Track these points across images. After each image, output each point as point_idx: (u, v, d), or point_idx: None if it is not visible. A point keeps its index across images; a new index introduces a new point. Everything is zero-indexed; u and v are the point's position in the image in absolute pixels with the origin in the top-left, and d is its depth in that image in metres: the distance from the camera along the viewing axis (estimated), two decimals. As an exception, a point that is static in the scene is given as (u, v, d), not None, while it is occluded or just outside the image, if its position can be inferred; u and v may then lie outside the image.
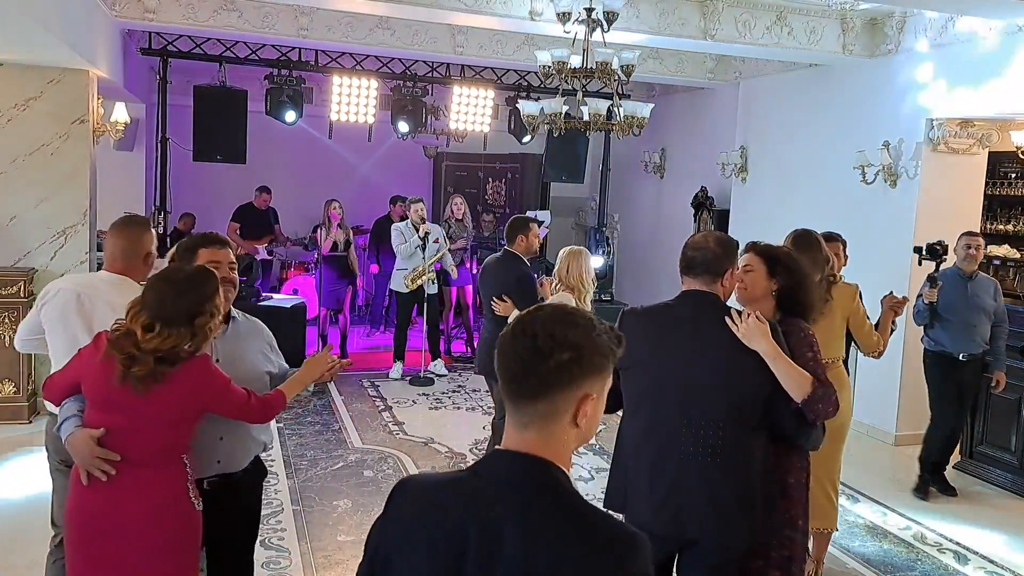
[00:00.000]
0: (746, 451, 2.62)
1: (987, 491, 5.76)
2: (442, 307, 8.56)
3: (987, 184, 7.05)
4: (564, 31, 5.25)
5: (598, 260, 9.17)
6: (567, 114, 5.84)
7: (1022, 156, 6.64)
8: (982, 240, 5.64)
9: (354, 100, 8.47)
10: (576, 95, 5.63)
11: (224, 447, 2.74)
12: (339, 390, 7.43)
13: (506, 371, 1.41)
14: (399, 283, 7.94)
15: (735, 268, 2.77)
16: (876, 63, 6.92)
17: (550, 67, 5.24)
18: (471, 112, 8.97)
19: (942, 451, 5.63)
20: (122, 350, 2.41)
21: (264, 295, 8.15)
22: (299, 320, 7.84)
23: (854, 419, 4.36)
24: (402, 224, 8.01)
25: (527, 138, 9.20)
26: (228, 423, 2.67)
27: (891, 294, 4.40)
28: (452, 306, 8.84)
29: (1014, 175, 7.49)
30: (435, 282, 8.05)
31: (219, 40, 7.91)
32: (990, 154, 6.89)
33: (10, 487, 4.98)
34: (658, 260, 9.71)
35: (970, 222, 6.41)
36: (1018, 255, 7.48)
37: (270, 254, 9.80)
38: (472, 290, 8.60)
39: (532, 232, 5.21)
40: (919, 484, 5.56)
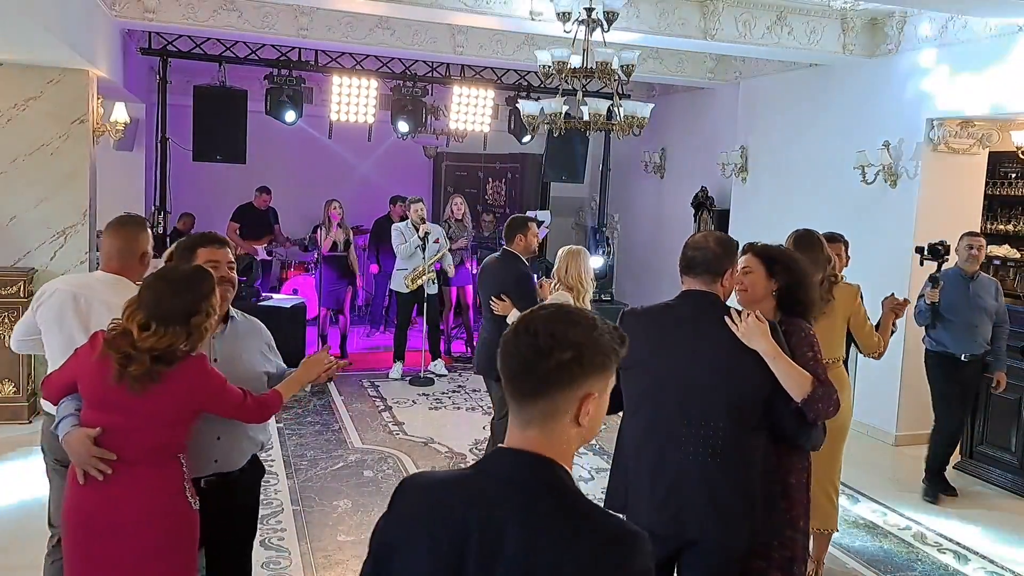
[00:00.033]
0: (746, 451, 2.62)
1: (987, 491, 5.75)
2: (442, 307, 8.56)
3: (987, 184, 7.05)
4: (564, 31, 5.25)
5: (598, 260, 9.17)
6: (567, 114, 5.84)
7: (1022, 156, 6.64)
8: (984, 240, 5.63)
9: (354, 100, 8.47)
10: (576, 95, 5.63)
11: (221, 446, 2.74)
12: (339, 390, 7.43)
13: (508, 369, 1.42)
14: (399, 283, 7.93)
15: (735, 268, 2.78)
16: (876, 63, 6.92)
17: (550, 67, 5.23)
18: (471, 112, 8.97)
19: (945, 452, 5.62)
20: (118, 349, 2.41)
21: (264, 295, 8.15)
22: (299, 320, 7.84)
23: (854, 419, 4.35)
24: (402, 224, 8.00)
25: (527, 138, 9.20)
26: (225, 423, 2.67)
27: (892, 296, 4.39)
28: (452, 306, 8.83)
29: (1014, 175, 7.49)
30: (435, 282, 8.04)
31: (219, 40, 7.91)
32: (990, 154, 6.89)
33: (10, 487, 4.98)
34: (658, 260, 9.71)
35: (970, 222, 6.41)
36: (1018, 255, 7.47)
37: (269, 254, 9.79)
38: (472, 290, 8.59)
39: (531, 231, 5.20)
40: (928, 488, 5.50)
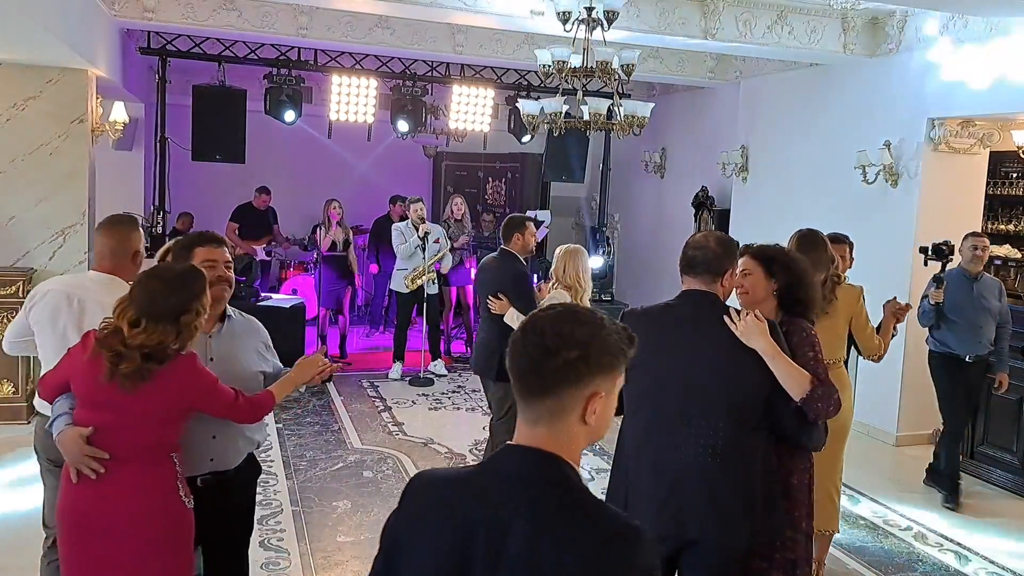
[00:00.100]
0: (747, 451, 2.62)
1: (988, 491, 5.74)
2: (442, 307, 8.55)
3: (988, 184, 7.04)
4: (564, 30, 5.23)
5: (598, 260, 9.16)
6: (567, 113, 5.83)
7: (1023, 156, 6.63)
8: (988, 241, 5.62)
9: (353, 99, 8.46)
10: (576, 94, 5.62)
11: (217, 445, 2.74)
12: (338, 390, 7.42)
13: (516, 368, 1.45)
14: (399, 283, 7.93)
15: (735, 268, 2.78)
16: (877, 62, 6.91)
17: (550, 66, 5.22)
18: (471, 111, 8.96)
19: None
20: (110, 348, 2.42)
21: (263, 295, 8.14)
22: (298, 320, 7.82)
23: (855, 420, 4.34)
24: (402, 224, 8.00)
25: (527, 138, 9.18)
26: (221, 422, 2.67)
27: (894, 300, 4.34)
28: (452, 306, 8.83)
29: (1015, 175, 7.47)
30: (435, 282, 8.03)
31: (218, 39, 7.90)
32: (991, 154, 6.88)
33: (9, 487, 4.97)
34: (658, 260, 9.69)
35: (971, 222, 6.40)
36: (1019, 255, 7.45)
37: (268, 254, 9.78)
38: (473, 290, 8.57)
39: (528, 231, 5.19)
40: (948, 496, 5.43)
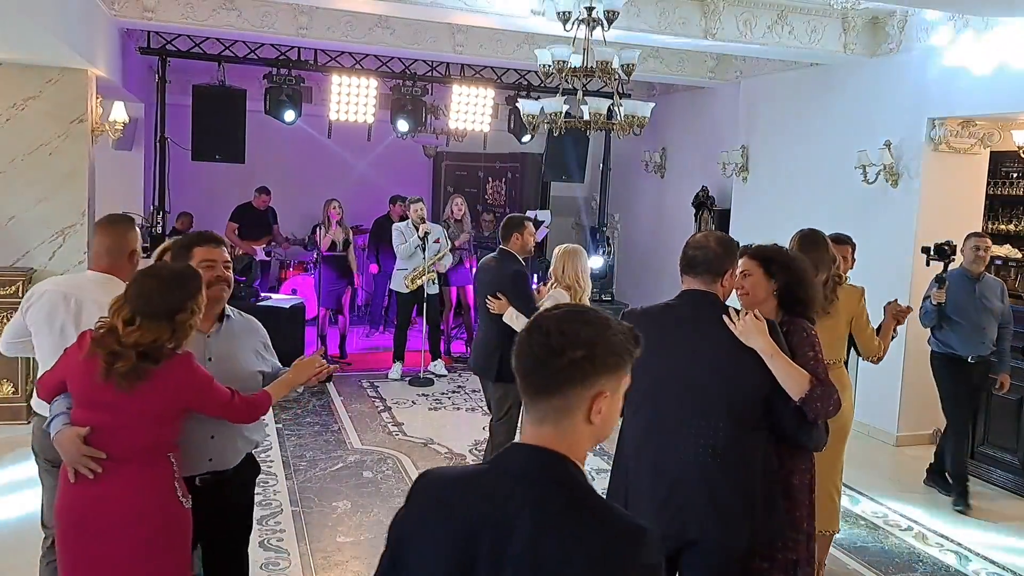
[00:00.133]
0: (746, 451, 2.62)
1: (988, 491, 5.74)
2: (442, 307, 8.54)
3: (988, 184, 7.04)
4: (564, 30, 5.23)
5: (598, 260, 9.15)
6: (567, 113, 5.82)
7: (1023, 155, 6.62)
8: (990, 241, 5.60)
9: (353, 99, 8.45)
10: (576, 94, 5.62)
11: (215, 445, 2.74)
12: (338, 391, 7.41)
13: (522, 367, 1.45)
14: (399, 283, 7.92)
15: (735, 268, 2.78)
16: (877, 62, 6.90)
17: (550, 66, 5.22)
18: (471, 111, 8.95)
19: (947, 452, 5.61)
20: (106, 347, 2.43)
21: (263, 295, 8.13)
22: (298, 320, 7.82)
23: (855, 420, 4.33)
24: (403, 224, 7.99)
25: (527, 138, 9.18)
26: (219, 422, 2.67)
27: (895, 302, 4.33)
28: (452, 306, 8.82)
29: (1016, 175, 7.47)
30: (435, 282, 8.03)
31: (218, 39, 7.90)
32: (991, 154, 6.87)
33: (8, 488, 4.96)
34: (659, 260, 9.69)
35: (972, 222, 6.40)
36: (1020, 255, 7.45)
37: (268, 255, 9.77)
38: (473, 290, 8.56)
39: (527, 231, 5.18)
40: (958, 498, 5.41)
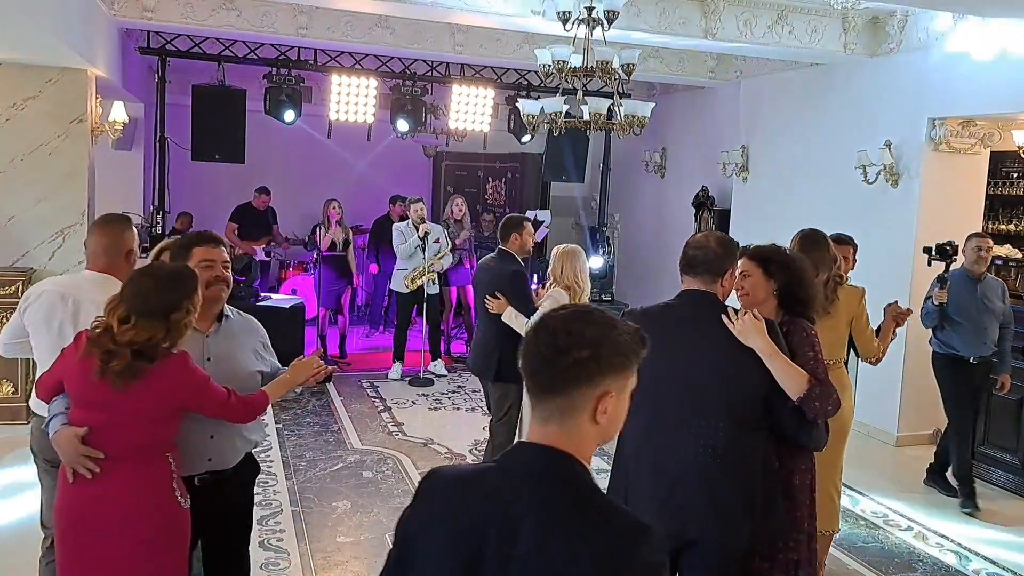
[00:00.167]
0: (746, 450, 2.62)
1: (989, 491, 5.72)
2: (442, 307, 8.54)
3: (989, 184, 7.03)
4: (564, 30, 5.23)
5: (598, 260, 9.15)
6: (567, 113, 5.82)
7: (1023, 155, 6.62)
8: (992, 242, 5.60)
9: (353, 99, 8.44)
10: (576, 94, 5.61)
11: (215, 445, 2.74)
12: (338, 391, 7.41)
13: (528, 366, 1.46)
14: (399, 283, 7.92)
15: (735, 268, 2.78)
16: (877, 62, 6.90)
17: (550, 66, 5.21)
18: (471, 111, 8.94)
19: (947, 453, 5.60)
20: (101, 346, 2.43)
21: (263, 295, 8.13)
22: (298, 320, 7.82)
23: (855, 419, 4.33)
24: (403, 224, 7.99)
25: (527, 137, 9.17)
26: (218, 422, 2.67)
27: (895, 304, 4.32)
28: (452, 306, 8.82)
29: (1016, 175, 7.46)
30: (435, 282, 8.02)
31: (218, 39, 7.89)
32: (992, 154, 6.87)
33: (8, 488, 4.96)
34: (659, 260, 9.68)
35: (972, 222, 6.40)
36: (1020, 255, 7.44)
37: (268, 255, 9.77)
38: (472, 290, 8.56)
39: (526, 231, 5.17)
40: (965, 500, 5.39)
